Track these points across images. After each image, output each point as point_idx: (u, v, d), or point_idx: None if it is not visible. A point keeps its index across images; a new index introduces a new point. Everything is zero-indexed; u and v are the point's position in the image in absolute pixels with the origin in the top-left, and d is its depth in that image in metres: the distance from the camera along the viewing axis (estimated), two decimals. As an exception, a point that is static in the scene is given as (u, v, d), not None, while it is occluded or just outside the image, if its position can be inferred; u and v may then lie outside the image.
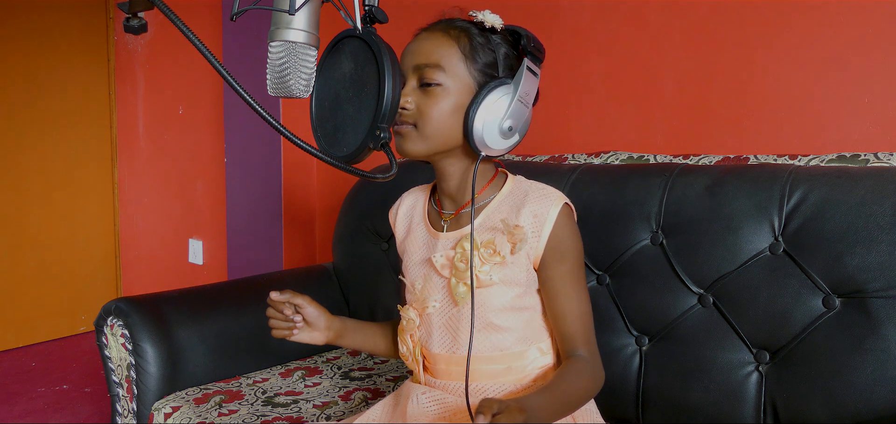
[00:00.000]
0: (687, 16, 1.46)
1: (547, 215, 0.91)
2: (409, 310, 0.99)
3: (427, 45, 0.90)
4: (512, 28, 0.92)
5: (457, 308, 0.94)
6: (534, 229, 0.91)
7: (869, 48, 1.25)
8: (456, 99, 0.89)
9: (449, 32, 0.90)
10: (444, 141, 0.91)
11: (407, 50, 0.93)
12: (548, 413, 0.80)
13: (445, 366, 0.96)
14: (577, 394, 0.88)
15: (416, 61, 0.90)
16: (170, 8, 0.68)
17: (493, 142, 0.89)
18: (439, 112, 0.89)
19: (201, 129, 2.83)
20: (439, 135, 0.90)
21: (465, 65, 0.89)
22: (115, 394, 1.44)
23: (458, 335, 0.94)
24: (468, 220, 0.95)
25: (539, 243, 0.91)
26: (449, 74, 0.89)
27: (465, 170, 0.95)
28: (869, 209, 0.98)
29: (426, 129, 0.89)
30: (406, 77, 0.91)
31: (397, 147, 0.92)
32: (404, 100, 0.89)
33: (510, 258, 0.91)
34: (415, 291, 0.98)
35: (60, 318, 3.18)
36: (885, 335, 0.93)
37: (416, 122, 0.90)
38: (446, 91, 0.89)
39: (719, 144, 1.42)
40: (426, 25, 0.94)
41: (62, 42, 3.12)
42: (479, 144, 0.89)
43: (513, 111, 0.88)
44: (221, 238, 2.73)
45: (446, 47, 0.89)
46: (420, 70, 0.89)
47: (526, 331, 0.94)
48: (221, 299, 1.58)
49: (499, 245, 0.90)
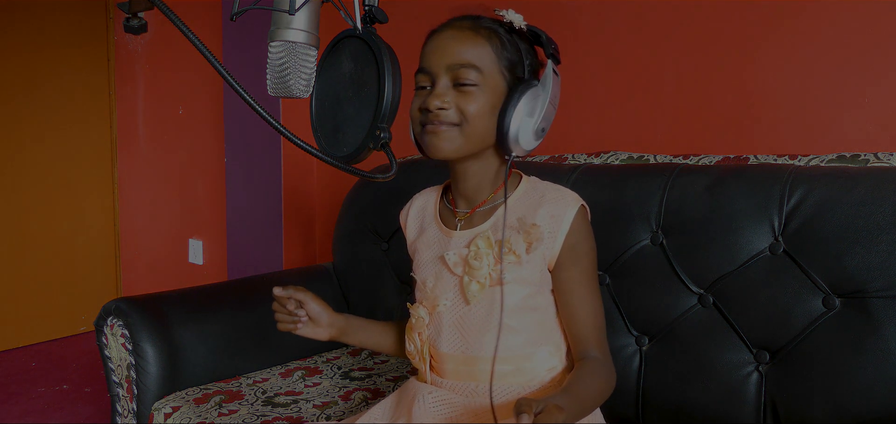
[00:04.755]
0: (687, 16, 1.46)
1: (563, 216, 0.91)
2: (419, 308, 0.98)
3: (458, 44, 0.89)
4: (532, 29, 0.92)
5: (468, 307, 0.93)
6: (550, 230, 0.91)
7: (869, 48, 1.25)
8: (491, 99, 0.89)
9: (479, 31, 0.90)
10: (480, 142, 0.91)
11: (433, 47, 0.91)
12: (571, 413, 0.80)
13: (453, 366, 0.96)
14: (593, 396, 0.88)
15: (449, 60, 0.89)
16: (170, 8, 0.68)
17: (526, 142, 0.90)
18: (479, 113, 0.89)
19: (201, 129, 2.83)
20: (479, 136, 0.90)
21: (497, 65, 0.90)
22: (115, 394, 1.44)
23: (468, 335, 0.94)
24: (482, 219, 0.95)
25: (555, 244, 0.91)
26: (484, 74, 0.89)
27: (487, 169, 0.95)
28: (869, 209, 0.98)
29: (468, 129, 0.89)
30: (437, 76, 0.90)
31: (430, 147, 0.91)
32: (441, 99, 0.88)
33: (525, 258, 0.91)
34: (426, 289, 0.98)
35: (60, 318, 3.19)
36: (885, 335, 0.94)
37: (460, 122, 0.89)
38: (482, 91, 0.89)
39: (719, 144, 1.42)
40: (447, 22, 0.93)
41: (62, 42, 3.12)
42: (513, 144, 0.90)
43: (546, 113, 0.89)
44: (221, 238, 2.73)
45: (480, 47, 0.89)
46: (454, 70, 0.89)
47: (536, 333, 0.94)
48: (221, 299, 1.58)
49: (515, 244, 0.90)
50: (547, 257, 0.92)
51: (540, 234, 0.90)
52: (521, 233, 0.90)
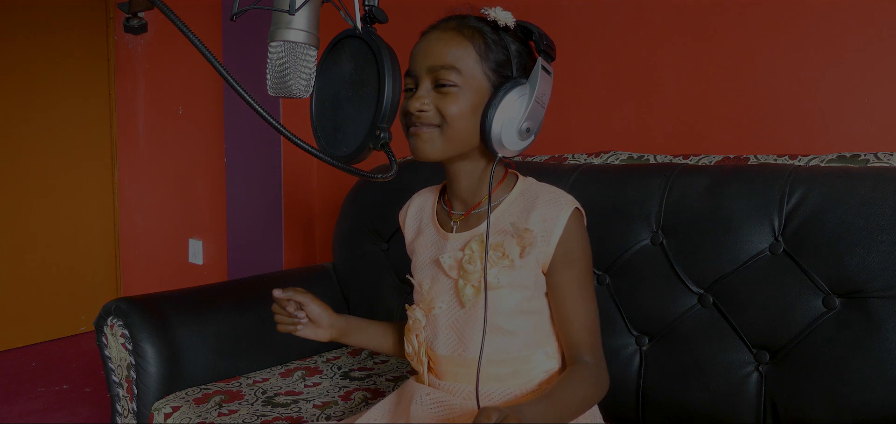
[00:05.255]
0: (687, 16, 1.46)
1: (556, 220, 0.90)
2: (416, 310, 0.98)
3: (440, 46, 0.89)
4: (523, 25, 0.91)
5: (463, 310, 0.93)
6: (543, 234, 0.90)
7: (869, 48, 1.25)
8: (472, 100, 0.88)
9: (462, 32, 0.89)
10: (463, 143, 0.90)
11: (418, 50, 0.91)
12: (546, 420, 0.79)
13: (450, 368, 0.96)
14: (578, 402, 0.87)
15: (429, 62, 0.89)
16: (170, 8, 0.68)
17: (511, 143, 0.89)
18: (459, 114, 0.88)
19: (201, 129, 2.83)
20: (460, 137, 0.90)
21: (480, 65, 0.89)
22: (115, 394, 1.44)
23: (464, 337, 0.93)
24: (477, 221, 0.95)
25: (548, 248, 0.90)
26: (464, 75, 0.88)
27: (478, 171, 0.94)
28: (869, 209, 0.98)
29: (449, 131, 0.89)
30: (419, 78, 0.90)
31: (414, 150, 0.91)
32: (420, 102, 0.88)
33: (519, 262, 0.90)
34: (422, 291, 0.98)
35: (60, 318, 3.19)
36: (885, 335, 0.93)
37: (440, 124, 0.89)
38: (463, 92, 0.88)
39: (719, 144, 1.42)
40: (436, 23, 0.93)
41: (62, 42, 3.12)
42: (497, 145, 0.89)
43: (530, 112, 0.88)
44: (221, 238, 2.73)
45: (461, 47, 0.88)
46: (435, 72, 0.88)
47: (532, 335, 0.93)
48: (221, 299, 1.58)
49: (508, 248, 0.90)
50: (540, 261, 0.91)
51: (532, 238, 0.89)
52: (515, 237, 0.90)
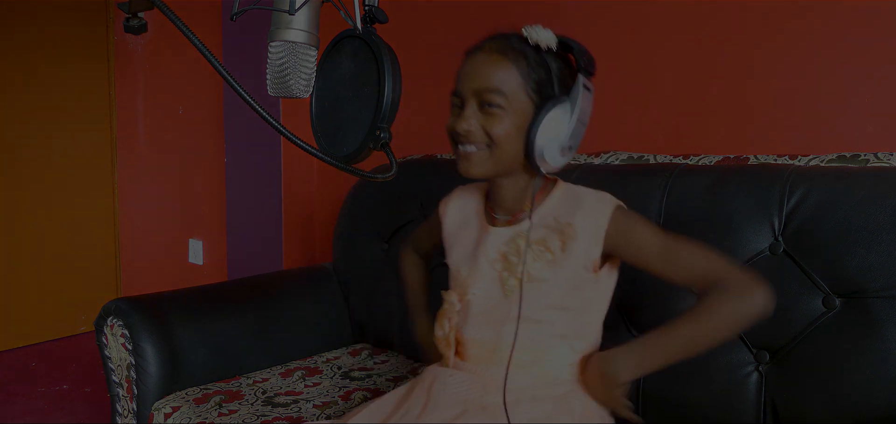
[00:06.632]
0: (686, 16, 1.46)
1: (600, 219, 0.94)
2: (451, 294, 1.02)
3: (485, 69, 0.93)
4: (564, 41, 0.94)
5: (498, 299, 0.96)
6: (589, 233, 0.93)
7: (869, 48, 1.25)
8: (516, 120, 0.93)
9: (507, 55, 0.93)
10: (510, 162, 0.95)
11: (465, 71, 0.96)
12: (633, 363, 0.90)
13: (476, 351, 0.98)
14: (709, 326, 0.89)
15: (476, 85, 0.93)
16: (170, 8, 0.68)
17: (553, 160, 0.93)
18: (506, 135, 0.93)
19: (201, 129, 2.83)
20: (507, 157, 0.94)
21: (523, 87, 0.93)
22: (115, 394, 1.44)
23: (495, 324, 0.96)
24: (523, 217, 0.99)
25: (596, 245, 0.93)
26: (509, 97, 0.92)
27: (521, 184, 0.99)
28: (869, 209, 0.98)
29: (497, 151, 0.93)
30: (466, 98, 0.94)
31: (462, 169, 0.96)
32: (468, 122, 0.93)
33: (561, 256, 0.93)
34: (459, 276, 1.02)
35: (60, 318, 3.18)
36: (885, 335, 0.94)
37: (488, 144, 0.93)
38: (508, 113, 0.93)
39: (719, 144, 1.42)
40: (480, 43, 0.96)
41: (62, 42, 3.12)
42: (540, 162, 0.93)
43: (574, 131, 0.92)
44: (221, 238, 2.73)
45: (505, 70, 0.92)
46: (480, 94, 0.93)
47: (562, 328, 0.96)
48: (221, 299, 1.58)
49: (550, 243, 0.94)
50: (591, 258, 0.94)
51: (574, 232, 0.93)
52: (557, 232, 0.94)
